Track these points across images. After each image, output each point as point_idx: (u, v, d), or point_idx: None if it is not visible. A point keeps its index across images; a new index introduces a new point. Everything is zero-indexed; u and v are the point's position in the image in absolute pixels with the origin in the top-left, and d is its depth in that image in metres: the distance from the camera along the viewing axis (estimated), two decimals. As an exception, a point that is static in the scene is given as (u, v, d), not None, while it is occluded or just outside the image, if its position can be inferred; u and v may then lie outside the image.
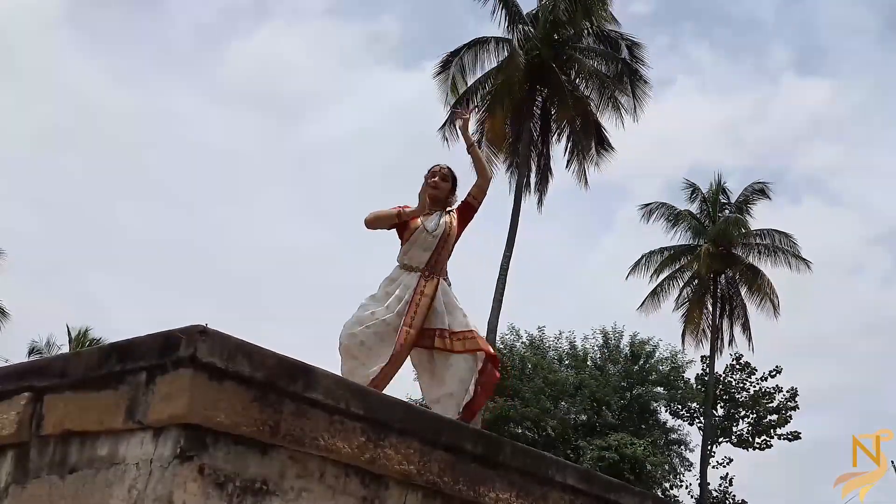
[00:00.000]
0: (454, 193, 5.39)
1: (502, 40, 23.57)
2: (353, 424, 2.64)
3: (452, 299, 5.12)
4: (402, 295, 5.02)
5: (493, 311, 22.17)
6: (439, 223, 5.20)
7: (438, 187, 5.29)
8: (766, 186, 30.05)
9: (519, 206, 23.06)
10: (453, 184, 5.38)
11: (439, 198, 5.29)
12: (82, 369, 2.57)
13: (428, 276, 5.10)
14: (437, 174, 5.32)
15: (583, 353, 31.53)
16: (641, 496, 3.98)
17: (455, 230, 5.24)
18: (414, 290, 5.02)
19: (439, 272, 5.16)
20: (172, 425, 2.30)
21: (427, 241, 5.13)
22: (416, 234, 5.14)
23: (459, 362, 4.89)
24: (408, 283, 5.07)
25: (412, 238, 5.15)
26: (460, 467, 2.99)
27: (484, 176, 5.36)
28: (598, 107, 23.78)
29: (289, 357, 2.53)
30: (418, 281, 5.06)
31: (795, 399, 30.41)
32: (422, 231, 5.14)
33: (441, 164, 5.39)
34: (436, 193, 5.27)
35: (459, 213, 5.32)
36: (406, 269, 5.15)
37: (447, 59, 23.56)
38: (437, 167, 5.36)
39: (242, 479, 2.39)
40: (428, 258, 5.13)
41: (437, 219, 5.22)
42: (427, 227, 5.15)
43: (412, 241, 5.15)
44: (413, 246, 5.15)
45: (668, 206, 30.03)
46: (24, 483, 2.66)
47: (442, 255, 5.18)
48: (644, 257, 29.83)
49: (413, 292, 5.02)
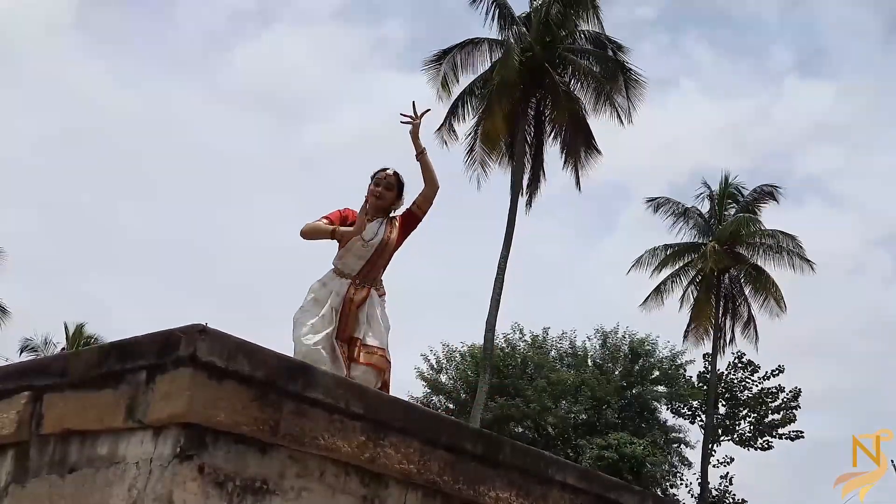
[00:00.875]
0: (400, 199, 5.21)
1: (495, 41, 23.60)
2: (353, 423, 2.64)
3: (377, 312, 4.98)
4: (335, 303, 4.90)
5: (491, 309, 22.19)
6: (377, 232, 5.05)
7: (382, 197, 5.12)
8: (775, 190, 30.18)
9: (515, 206, 23.12)
10: (399, 191, 5.19)
11: (382, 206, 5.14)
12: (82, 368, 2.57)
13: (359, 285, 4.98)
14: (382, 182, 5.14)
15: (583, 352, 31.57)
16: (641, 495, 3.98)
17: (395, 240, 5.09)
18: (343, 298, 4.92)
19: (371, 282, 5.03)
20: (172, 424, 2.30)
21: (361, 250, 5.00)
22: (352, 241, 5.00)
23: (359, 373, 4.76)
24: (338, 290, 4.96)
25: (347, 245, 5.01)
26: (460, 466, 2.99)
27: (431, 185, 5.14)
28: (591, 108, 23.86)
29: (289, 356, 2.53)
30: (348, 288, 4.95)
31: (798, 399, 30.43)
32: (358, 239, 4.99)
33: (387, 170, 5.18)
34: (379, 204, 5.12)
35: (402, 221, 5.16)
36: (338, 273, 5.03)
37: (438, 57, 23.59)
38: (383, 173, 5.17)
39: (242, 478, 2.39)
40: (361, 267, 5.01)
41: (377, 227, 5.07)
42: (364, 237, 5.00)
43: (347, 248, 5.02)
44: (348, 252, 5.02)
45: (675, 201, 30.06)
46: (23, 482, 2.66)
47: (377, 265, 5.05)
48: (647, 253, 29.82)
49: (342, 300, 4.91)
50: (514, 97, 23.01)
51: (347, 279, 4.99)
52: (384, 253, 5.06)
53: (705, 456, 28.91)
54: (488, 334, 22.57)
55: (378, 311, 5.00)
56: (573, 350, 31.79)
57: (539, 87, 23.77)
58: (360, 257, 5.01)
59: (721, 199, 30.19)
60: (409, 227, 5.18)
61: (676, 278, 29.82)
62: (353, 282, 4.98)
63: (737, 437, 30.75)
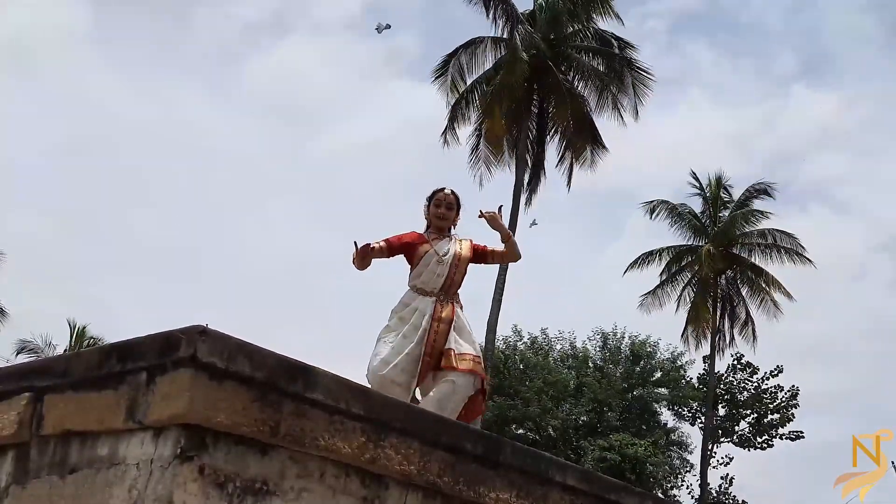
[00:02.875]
0: (458, 216, 5.33)
1: (498, 40, 23.59)
2: (354, 424, 2.64)
3: (464, 324, 5.07)
4: (419, 322, 4.95)
5: (493, 310, 22.18)
6: (448, 249, 5.15)
7: (445, 217, 5.25)
8: (768, 187, 30.09)
9: (518, 206, 23.09)
10: (458, 209, 5.31)
11: (446, 226, 5.26)
12: (83, 369, 2.57)
13: (443, 301, 5.05)
14: (443, 203, 5.25)
15: (583, 353, 31.57)
16: (641, 496, 3.98)
17: (466, 256, 5.19)
18: (431, 317, 4.96)
19: (453, 297, 5.12)
20: (173, 425, 2.30)
21: (438, 267, 5.08)
22: (427, 257, 5.09)
23: (458, 378, 4.84)
24: (423, 309, 5.01)
25: (422, 262, 5.09)
26: (460, 467, 2.99)
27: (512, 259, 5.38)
28: (595, 106, 23.81)
29: (289, 357, 2.53)
30: (434, 306, 5.01)
31: (796, 398, 30.44)
32: (433, 255, 5.08)
33: (445, 190, 5.29)
34: (443, 224, 5.24)
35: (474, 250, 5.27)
36: (420, 292, 5.08)
37: (444, 63, 23.61)
38: (442, 195, 5.27)
39: (242, 479, 2.39)
40: (442, 283, 5.07)
41: (446, 244, 5.18)
42: (437, 251, 5.10)
43: (424, 264, 5.09)
44: (425, 269, 5.09)
45: (671, 203, 30.04)
46: (24, 483, 2.67)
47: (455, 280, 5.13)
48: (644, 256, 29.85)
49: (430, 319, 4.95)
50: (518, 96, 23.00)
51: (431, 296, 5.05)
52: (460, 267, 5.15)
53: (705, 457, 28.92)
54: (489, 335, 22.57)
55: (463, 322, 5.08)
56: (573, 352, 31.80)
57: (543, 85, 23.74)
58: (438, 274, 5.08)
59: (715, 199, 30.20)
60: (477, 259, 5.30)
61: (673, 280, 29.84)
62: (437, 298, 5.04)
63: (736, 438, 30.75)
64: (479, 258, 5.31)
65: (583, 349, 31.79)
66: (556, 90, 23.47)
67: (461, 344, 4.95)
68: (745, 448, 30.71)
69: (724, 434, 30.86)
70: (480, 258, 5.31)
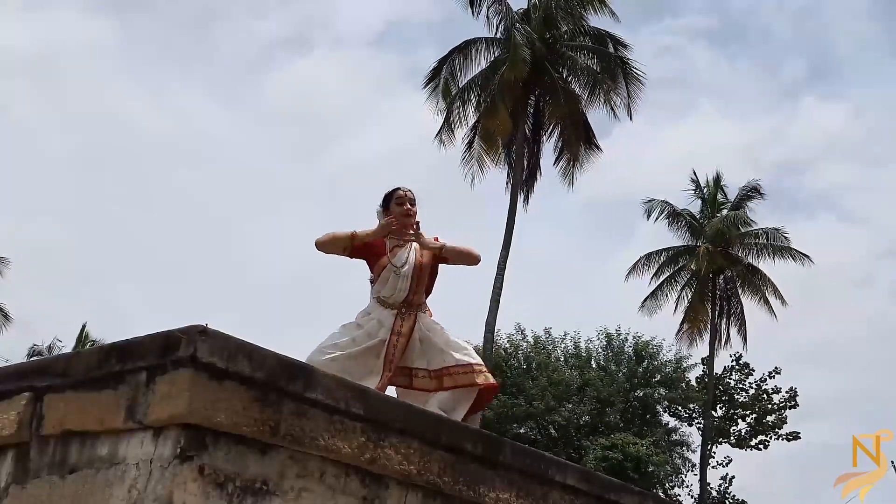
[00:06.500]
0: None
1: (492, 40, 23.59)
2: (353, 424, 2.64)
3: (431, 335, 4.80)
4: (374, 331, 4.74)
5: (491, 310, 22.18)
6: (406, 258, 4.87)
7: (412, 213, 4.91)
8: (759, 184, 30.33)
9: (515, 206, 23.10)
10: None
11: (412, 223, 4.89)
12: (83, 369, 2.57)
13: (405, 314, 4.81)
14: (406, 200, 4.92)
15: (586, 353, 31.60)
16: (641, 496, 3.98)
17: (427, 263, 4.90)
18: (391, 331, 4.74)
19: (416, 308, 4.86)
20: (172, 425, 2.30)
21: (396, 279, 4.82)
22: (385, 272, 4.83)
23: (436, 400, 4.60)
24: (382, 319, 4.78)
25: (382, 275, 4.85)
26: (460, 467, 2.99)
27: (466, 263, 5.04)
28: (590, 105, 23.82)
29: (289, 357, 2.53)
30: (394, 320, 4.78)
31: (795, 399, 30.46)
32: (390, 269, 4.81)
33: (403, 188, 5.00)
34: (409, 221, 4.88)
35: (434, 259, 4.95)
36: (382, 304, 4.85)
37: (437, 66, 23.63)
38: (402, 192, 4.96)
39: (242, 479, 2.39)
40: (404, 296, 4.81)
41: (405, 253, 4.88)
42: (394, 263, 4.83)
43: (383, 278, 4.85)
44: (384, 283, 4.84)
45: (670, 204, 30.08)
46: (24, 483, 2.66)
47: (418, 291, 4.87)
48: (643, 258, 29.93)
49: (390, 332, 4.74)
50: (515, 94, 23.00)
51: (392, 309, 4.81)
52: (421, 277, 4.88)
53: (704, 457, 28.93)
54: (488, 335, 22.57)
55: (430, 333, 4.81)
56: (577, 351, 31.82)
57: (539, 84, 23.74)
58: (400, 289, 4.82)
59: (713, 200, 30.32)
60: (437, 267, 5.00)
61: (672, 281, 29.92)
62: (398, 311, 4.80)
63: (733, 439, 30.78)
64: (441, 260, 5.01)
65: (586, 349, 31.82)
66: (552, 89, 23.46)
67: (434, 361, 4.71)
68: (742, 448, 30.75)
69: (722, 434, 30.88)
70: (442, 260, 5.01)
